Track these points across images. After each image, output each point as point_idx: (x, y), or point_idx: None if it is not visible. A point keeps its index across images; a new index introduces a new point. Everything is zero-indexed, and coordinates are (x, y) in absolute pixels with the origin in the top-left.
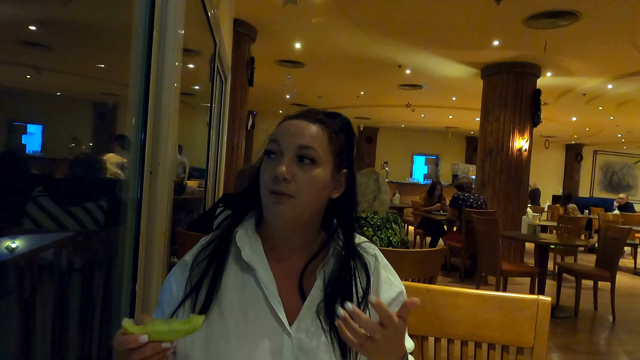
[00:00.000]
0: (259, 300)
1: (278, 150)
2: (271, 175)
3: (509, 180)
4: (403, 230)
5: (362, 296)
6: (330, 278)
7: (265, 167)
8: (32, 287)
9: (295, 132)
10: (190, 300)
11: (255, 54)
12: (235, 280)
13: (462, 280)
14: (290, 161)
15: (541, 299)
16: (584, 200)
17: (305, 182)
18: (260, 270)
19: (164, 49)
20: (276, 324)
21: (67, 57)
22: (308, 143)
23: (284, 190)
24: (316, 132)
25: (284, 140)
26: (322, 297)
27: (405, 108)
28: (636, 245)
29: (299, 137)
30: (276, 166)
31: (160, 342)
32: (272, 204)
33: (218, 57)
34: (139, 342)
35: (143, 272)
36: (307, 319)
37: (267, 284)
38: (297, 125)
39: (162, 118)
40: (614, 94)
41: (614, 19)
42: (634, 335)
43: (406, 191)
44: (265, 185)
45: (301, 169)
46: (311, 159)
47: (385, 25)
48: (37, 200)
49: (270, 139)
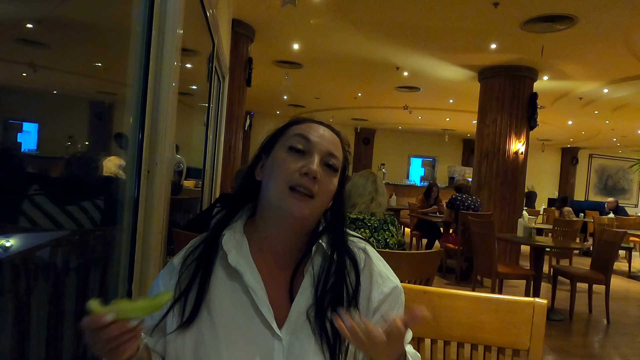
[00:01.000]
0: (248, 305)
1: (307, 148)
2: (296, 171)
3: (505, 182)
4: (400, 232)
5: (352, 294)
6: (319, 277)
7: (288, 160)
8: (27, 286)
9: (327, 138)
10: (179, 305)
11: (253, 54)
12: (224, 284)
13: (458, 282)
14: (319, 162)
15: (537, 301)
16: (579, 203)
17: (327, 186)
18: (247, 274)
19: (163, 48)
20: (265, 329)
21: (64, 56)
22: (336, 152)
23: (310, 188)
24: (338, 143)
25: (316, 140)
26: (311, 297)
27: (403, 110)
28: (630, 248)
29: (331, 144)
30: (306, 162)
31: (126, 321)
32: (291, 199)
33: (216, 57)
34: (103, 322)
35: (139, 271)
36: (297, 321)
37: (255, 288)
38: (326, 131)
39: (160, 117)
40: (609, 98)
41: (610, 24)
42: (628, 338)
43: (403, 193)
44: (285, 179)
45: (325, 174)
46: (335, 167)
47: (383, 27)
48: (33, 198)
49: (295, 133)
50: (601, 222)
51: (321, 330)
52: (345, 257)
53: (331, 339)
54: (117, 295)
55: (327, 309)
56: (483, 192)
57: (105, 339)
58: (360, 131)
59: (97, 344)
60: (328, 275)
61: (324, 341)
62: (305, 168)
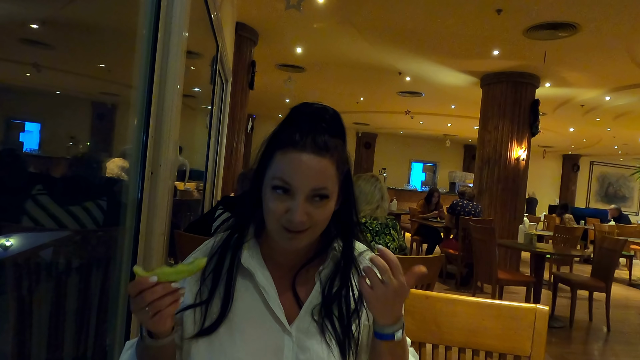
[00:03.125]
0: (260, 303)
1: (290, 187)
2: (283, 214)
3: (506, 189)
4: (401, 236)
5: (358, 298)
6: (329, 283)
7: (273, 201)
8: (29, 286)
9: (307, 172)
10: (200, 314)
11: (257, 58)
12: (239, 285)
13: (458, 288)
14: (303, 202)
15: (539, 308)
16: (580, 210)
17: (320, 216)
18: (259, 274)
19: (168, 51)
20: (277, 325)
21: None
22: (321, 184)
23: (300, 229)
24: (327, 167)
25: (295, 182)
26: (319, 301)
27: (405, 115)
28: (631, 256)
29: (312, 179)
30: (289, 207)
31: (169, 283)
32: (285, 239)
33: (220, 60)
34: (149, 283)
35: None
36: (306, 321)
37: (267, 287)
38: (307, 163)
39: (165, 119)
40: (611, 105)
41: (612, 32)
42: (628, 347)
43: (404, 197)
44: (276, 220)
45: (314, 206)
46: (325, 195)
47: (386, 32)
48: (37, 198)
49: (277, 176)
50: (602, 230)
51: (331, 329)
52: (355, 269)
53: (340, 335)
54: (118, 296)
55: (334, 311)
56: (484, 198)
57: (151, 301)
58: (362, 135)
59: (143, 309)
60: (336, 283)
61: (333, 339)
62: (289, 215)
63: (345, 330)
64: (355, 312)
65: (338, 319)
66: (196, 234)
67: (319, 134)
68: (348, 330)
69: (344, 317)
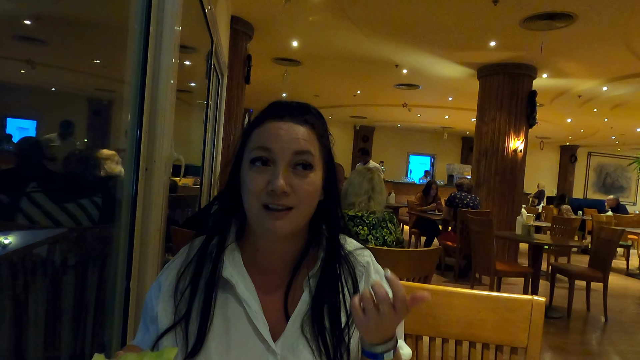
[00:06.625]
0: (242, 318)
1: (270, 157)
2: (263, 188)
3: (504, 180)
4: (398, 229)
5: (349, 309)
6: (318, 290)
7: (252, 177)
8: (25, 284)
9: (287, 136)
10: (181, 332)
11: (252, 52)
12: (219, 299)
13: (457, 280)
14: (285, 171)
15: (535, 299)
16: (578, 201)
17: (305, 190)
18: (240, 286)
19: (161, 45)
20: (260, 343)
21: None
22: (303, 147)
23: (283, 203)
24: (308, 134)
25: (276, 146)
26: (308, 311)
27: (402, 107)
28: (629, 246)
29: (293, 142)
30: (270, 177)
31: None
32: (268, 220)
33: (215, 54)
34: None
35: (137, 269)
36: (293, 335)
37: (249, 301)
38: (287, 128)
39: (158, 115)
40: (608, 96)
41: (609, 22)
42: (626, 336)
43: (402, 190)
44: (256, 198)
45: (298, 177)
46: (308, 164)
47: (382, 24)
48: (32, 196)
49: (255, 146)
50: (599, 220)
51: (319, 344)
52: (345, 269)
53: (331, 351)
54: (115, 293)
55: (324, 322)
56: (482, 190)
57: None
58: (360, 129)
59: None
60: (326, 289)
61: (323, 353)
62: (270, 186)
63: (337, 343)
64: (347, 323)
65: (329, 331)
66: (193, 229)
67: (297, 110)
68: (340, 344)
69: (336, 329)
